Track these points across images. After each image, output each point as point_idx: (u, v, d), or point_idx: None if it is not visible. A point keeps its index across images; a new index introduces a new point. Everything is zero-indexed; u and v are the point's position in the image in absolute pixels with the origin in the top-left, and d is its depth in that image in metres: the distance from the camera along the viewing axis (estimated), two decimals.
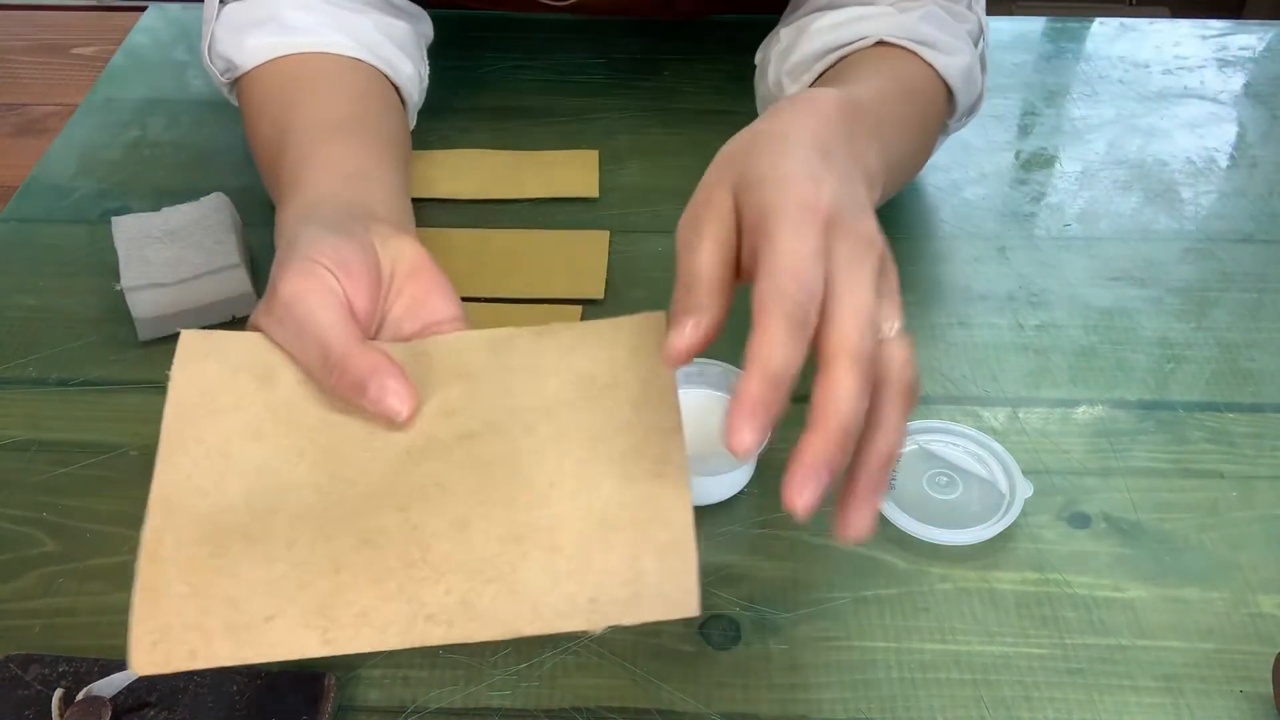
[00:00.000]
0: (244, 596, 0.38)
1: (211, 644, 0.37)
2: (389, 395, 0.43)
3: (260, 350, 0.45)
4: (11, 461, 0.58)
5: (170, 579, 0.38)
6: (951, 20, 0.67)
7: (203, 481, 0.41)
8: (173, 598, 0.38)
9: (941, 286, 0.69)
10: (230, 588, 0.39)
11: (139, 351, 0.64)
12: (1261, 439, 0.60)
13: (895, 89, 0.62)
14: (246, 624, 0.38)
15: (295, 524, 0.40)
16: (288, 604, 0.38)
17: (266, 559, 0.39)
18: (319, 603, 0.38)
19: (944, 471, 0.57)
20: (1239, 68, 0.91)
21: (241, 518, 0.40)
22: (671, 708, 0.48)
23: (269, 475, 0.42)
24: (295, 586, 0.39)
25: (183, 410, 0.43)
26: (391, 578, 0.39)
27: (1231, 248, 0.73)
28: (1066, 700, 0.48)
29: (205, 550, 0.39)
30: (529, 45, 0.90)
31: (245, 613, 0.38)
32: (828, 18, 0.67)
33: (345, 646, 0.38)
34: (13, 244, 0.73)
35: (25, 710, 0.46)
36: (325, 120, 0.62)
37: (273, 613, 0.38)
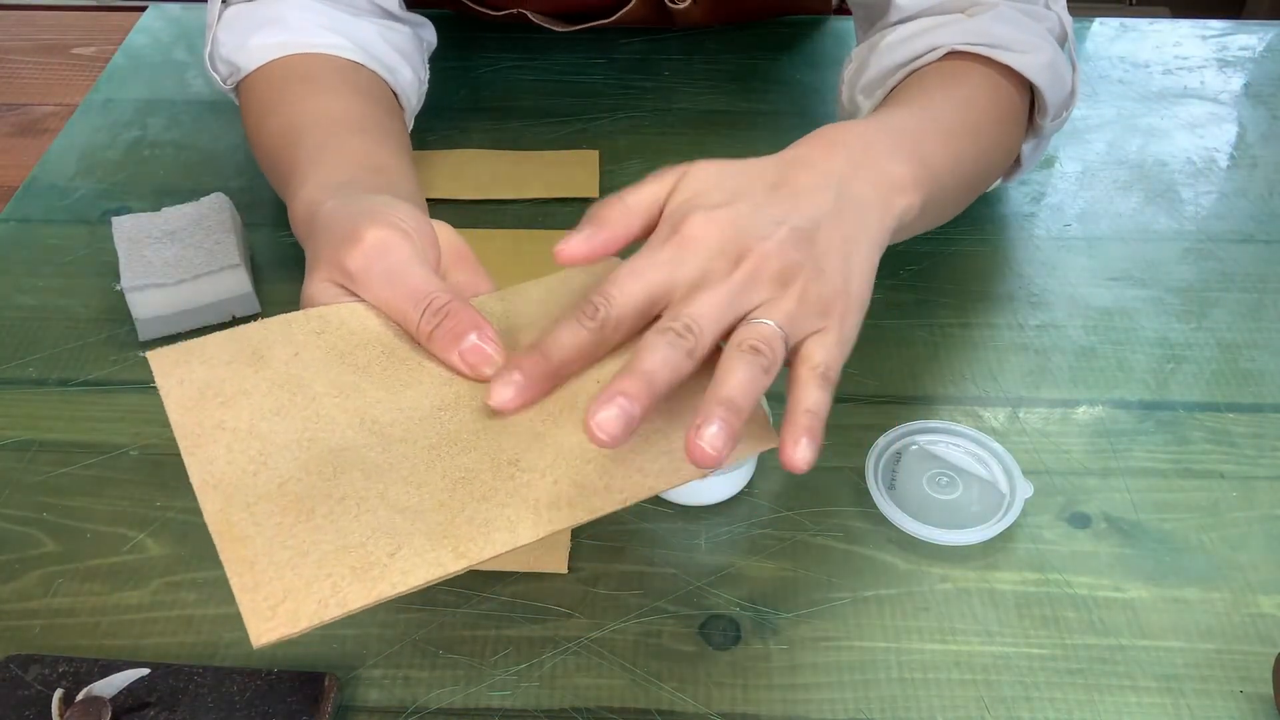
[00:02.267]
0: (357, 544, 0.38)
1: (340, 590, 0.37)
2: (488, 345, 0.44)
3: (236, 341, 0.45)
4: (11, 461, 0.58)
5: (263, 549, 0.38)
6: (1028, 19, 0.65)
7: (246, 463, 0.41)
8: (277, 564, 0.38)
9: (942, 286, 0.69)
10: (338, 539, 0.38)
11: (139, 351, 0.64)
12: (1261, 439, 0.60)
13: (951, 100, 0.61)
14: (370, 564, 0.38)
15: (376, 479, 0.41)
16: (406, 539, 0.39)
17: (364, 511, 0.39)
18: (438, 529, 0.39)
19: (944, 471, 0.57)
20: (1239, 68, 0.91)
21: (313, 484, 0.40)
22: (671, 708, 0.48)
23: (315, 444, 0.42)
24: (408, 523, 0.39)
25: (188, 407, 0.43)
26: (496, 493, 0.40)
27: (1231, 248, 0.73)
28: (1066, 700, 0.48)
29: (291, 518, 0.39)
30: (529, 45, 0.90)
31: (365, 556, 0.38)
32: (898, 32, 0.66)
33: (480, 554, 0.38)
34: (13, 244, 0.73)
35: (25, 710, 0.46)
36: (339, 116, 0.62)
37: (394, 549, 0.38)
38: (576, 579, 0.53)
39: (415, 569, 0.38)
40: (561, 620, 0.51)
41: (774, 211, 0.46)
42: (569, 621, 0.51)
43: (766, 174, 0.48)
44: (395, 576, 0.38)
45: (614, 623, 0.51)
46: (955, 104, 0.61)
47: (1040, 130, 0.69)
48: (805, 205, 0.47)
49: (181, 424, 0.42)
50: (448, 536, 0.39)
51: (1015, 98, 0.64)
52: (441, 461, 0.41)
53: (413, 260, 0.46)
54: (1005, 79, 0.64)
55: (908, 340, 0.65)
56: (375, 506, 0.40)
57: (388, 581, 0.37)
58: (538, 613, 0.52)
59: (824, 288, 0.44)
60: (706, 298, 0.43)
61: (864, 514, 0.56)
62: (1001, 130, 0.64)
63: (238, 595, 0.37)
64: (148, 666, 0.47)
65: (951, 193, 0.59)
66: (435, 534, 0.39)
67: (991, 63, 0.63)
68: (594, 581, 0.53)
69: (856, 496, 0.56)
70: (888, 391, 0.62)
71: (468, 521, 0.39)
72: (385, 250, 0.46)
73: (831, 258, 0.45)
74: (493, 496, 0.40)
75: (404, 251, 0.46)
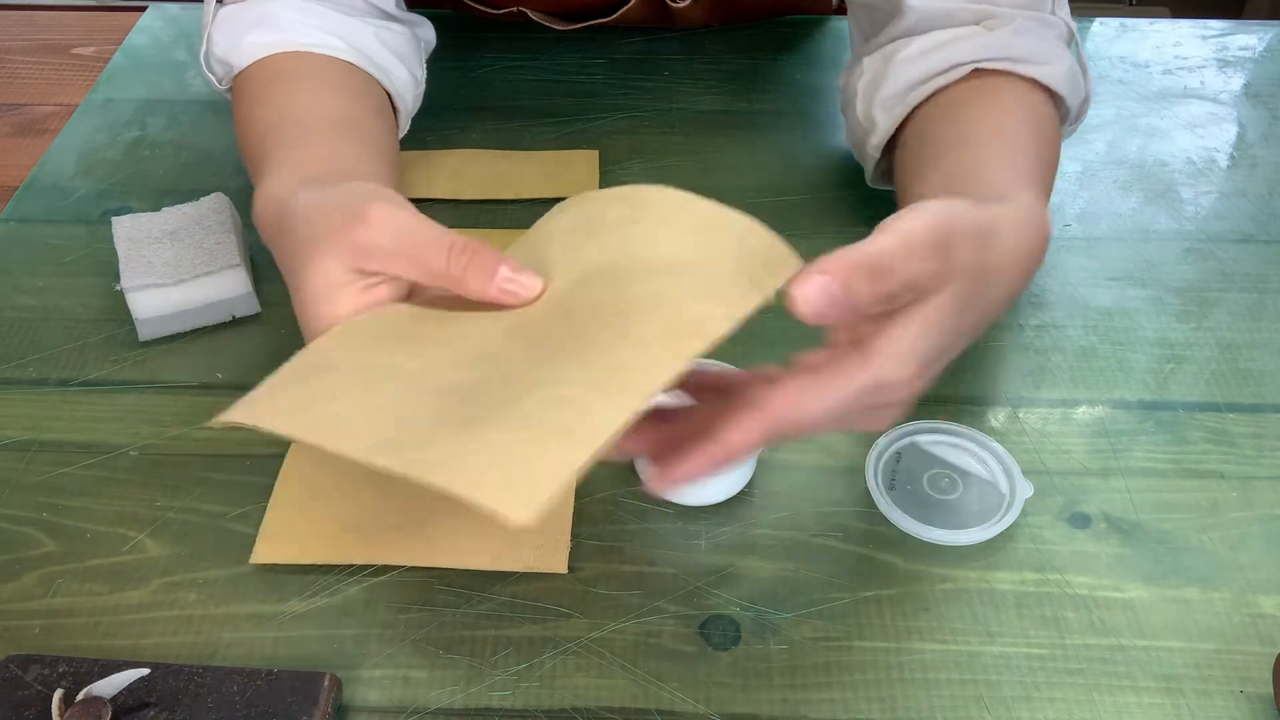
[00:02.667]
0: (538, 422, 0.38)
1: (562, 453, 0.37)
2: (521, 273, 0.46)
3: (296, 368, 0.44)
4: (11, 461, 0.58)
5: (466, 461, 0.37)
6: (1042, 29, 0.65)
7: (385, 424, 0.40)
8: (486, 465, 0.37)
9: None
10: (525, 426, 0.38)
11: (139, 351, 0.64)
12: (1261, 439, 0.60)
13: (1024, 130, 0.60)
14: (566, 429, 0.38)
15: (512, 385, 0.41)
16: (580, 401, 0.39)
17: (524, 401, 0.40)
18: (600, 383, 0.40)
19: (944, 471, 0.57)
20: (1239, 68, 0.91)
21: (463, 409, 0.40)
22: (671, 708, 0.48)
23: (434, 389, 0.42)
24: (571, 391, 0.39)
25: (303, 424, 0.41)
26: (625, 338, 0.41)
27: (1231, 248, 0.73)
28: (1066, 700, 0.48)
29: (470, 433, 0.39)
30: (529, 45, 0.90)
31: (559, 425, 0.38)
32: (914, 45, 0.65)
33: (658, 381, 0.39)
34: (13, 244, 0.73)
35: (25, 710, 0.46)
36: (320, 114, 0.62)
37: (581, 410, 0.38)
38: (576, 579, 0.53)
39: (611, 417, 0.37)
40: (561, 620, 0.51)
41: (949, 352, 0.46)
42: (569, 621, 0.51)
43: (973, 327, 0.47)
44: (597, 429, 0.37)
45: (614, 623, 0.51)
46: (1022, 122, 0.61)
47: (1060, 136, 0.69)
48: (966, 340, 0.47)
49: (306, 433, 0.41)
50: (616, 388, 0.39)
51: (1049, 110, 0.64)
52: (550, 360, 0.41)
53: (425, 220, 0.47)
54: (1035, 93, 0.63)
55: None
56: (526, 397, 0.39)
57: (594, 435, 0.37)
58: (538, 613, 0.52)
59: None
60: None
61: (864, 514, 0.56)
62: (1055, 131, 0.64)
63: (477, 496, 0.35)
64: (148, 666, 0.47)
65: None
66: (604, 387, 0.39)
67: (1017, 77, 0.63)
68: (594, 581, 0.53)
69: (856, 496, 0.56)
70: None
71: (622, 368, 0.39)
72: (395, 219, 0.46)
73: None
74: (623, 341, 0.40)
75: (413, 216, 0.47)
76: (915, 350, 0.43)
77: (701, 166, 0.79)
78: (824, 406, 0.42)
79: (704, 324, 0.40)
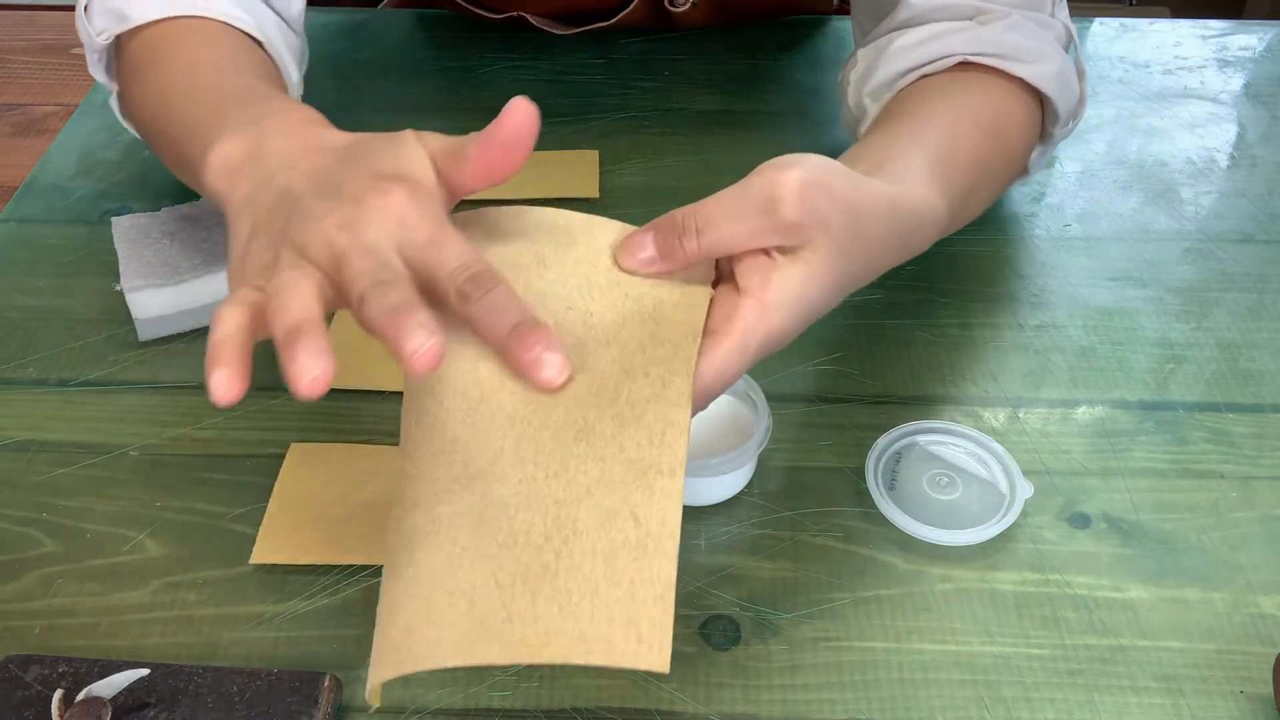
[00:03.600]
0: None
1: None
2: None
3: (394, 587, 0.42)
4: (11, 461, 0.58)
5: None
6: (1037, 28, 0.65)
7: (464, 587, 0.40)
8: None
9: (942, 286, 0.69)
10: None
11: (139, 351, 0.64)
12: (1261, 439, 0.60)
13: (971, 127, 0.60)
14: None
15: (546, 506, 0.41)
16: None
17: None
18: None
19: (944, 472, 0.57)
20: (1239, 68, 0.91)
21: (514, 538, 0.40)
22: (671, 708, 0.48)
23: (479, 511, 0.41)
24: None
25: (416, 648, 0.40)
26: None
27: (1231, 248, 0.73)
28: (1066, 700, 0.48)
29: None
30: (529, 45, 0.90)
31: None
32: (907, 36, 0.65)
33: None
34: (13, 244, 0.73)
35: (25, 711, 0.46)
36: (246, 69, 0.58)
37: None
38: None
39: (663, 515, 0.39)
40: None
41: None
42: None
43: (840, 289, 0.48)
44: (663, 535, 0.39)
45: None
46: (982, 131, 0.61)
47: (1050, 138, 0.69)
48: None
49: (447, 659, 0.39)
50: (648, 473, 0.40)
51: (1030, 108, 0.65)
52: (564, 462, 0.42)
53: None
54: (1018, 89, 0.64)
55: (908, 340, 0.65)
56: (577, 524, 0.40)
57: (663, 545, 0.39)
58: None
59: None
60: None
61: (864, 514, 0.56)
62: (1018, 139, 0.65)
63: (616, 662, 0.37)
64: (148, 666, 0.47)
65: (968, 212, 0.60)
66: (638, 479, 0.40)
67: (1003, 73, 0.63)
68: None
69: (856, 496, 0.56)
70: (888, 391, 0.62)
71: (638, 449, 0.41)
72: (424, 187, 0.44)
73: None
74: (620, 423, 0.41)
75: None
76: (802, 299, 0.45)
77: (701, 166, 0.79)
78: (741, 366, 0.44)
79: (674, 372, 0.42)
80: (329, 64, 0.91)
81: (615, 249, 0.45)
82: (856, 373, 0.63)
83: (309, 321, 0.38)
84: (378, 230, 0.41)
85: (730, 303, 0.44)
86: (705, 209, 0.44)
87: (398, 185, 0.42)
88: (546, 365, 0.41)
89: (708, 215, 0.44)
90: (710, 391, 0.43)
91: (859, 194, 0.46)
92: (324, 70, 0.90)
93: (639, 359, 0.43)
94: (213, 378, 0.37)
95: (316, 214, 0.41)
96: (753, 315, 0.44)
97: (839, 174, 0.46)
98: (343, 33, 0.95)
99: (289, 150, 0.46)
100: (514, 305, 0.41)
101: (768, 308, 0.44)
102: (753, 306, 0.44)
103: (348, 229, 0.41)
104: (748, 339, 0.43)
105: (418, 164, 0.44)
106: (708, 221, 0.44)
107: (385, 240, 0.41)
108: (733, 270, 0.45)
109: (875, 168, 0.52)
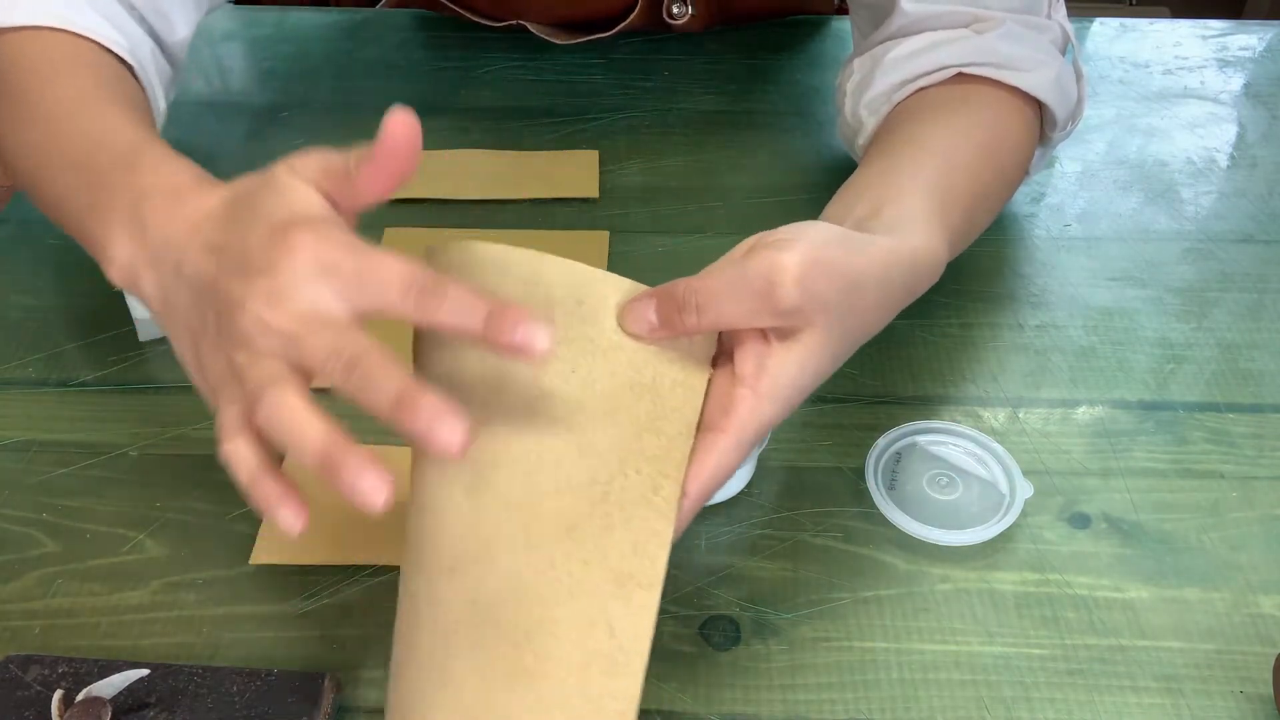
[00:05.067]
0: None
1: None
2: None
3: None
4: (11, 461, 0.58)
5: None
6: (1033, 34, 0.65)
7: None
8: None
9: (942, 286, 0.69)
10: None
11: (139, 351, 0.64)
12: (1261, 439, 0.60)
13: (968, 152, 0.60)
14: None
15: (521, 595, 0.41)
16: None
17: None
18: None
19: (944, 472, 0.57)
20: (1239, 68, 0.91)
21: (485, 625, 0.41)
22: (672, 708, 0.48)
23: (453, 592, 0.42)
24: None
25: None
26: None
27: (1231, 248, 0.73)
28: (1066, 700, 0.48)
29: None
30: (529, 45, 0.90)
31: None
32: (903, 46, 0.65)
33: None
34: (13, 244, 0.73)
35: (25, 711, 0.46)
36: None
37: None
38: None
39: (636, 631, 0.40)
40: None
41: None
42: None
43: (836, 361, 0.47)
44: (631, 653, 0.40)
45: None
46: (979, 152, 0.60)
47: (1049, 141, 0.69)
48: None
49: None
50: (626, 583, 0.41)
51: (1028, 117, 0.64)
52: (540, 552, 0.42)
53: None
54: (1015, 98, 0.64)
55: (908, 340, 0.65)
56: (548, 624, 0.41)
57: (632, 662, 0.40)
58: None
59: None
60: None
61: (864, 514, 0.56)
62: (1017, 155, 0.65)
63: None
64: (148, 667, 0.47)
65: (967, 240, 0.60)
66: (616, 587, 0.41)
67: (1000, 83, 0.63)
68: None
69: (856, 496, 0.56)
70: (888, 391, 0.62)
71: (620, 556, 0.41)
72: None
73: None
74: (606, 528, 0.42)
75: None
76: (796, 387, 0.44)
77: (701, 166, 0.79)
78: (737, 461, 0.44)
79: (665, 475, 0.42)
80: (329, 64, 0.91)
81: (619, 311, 0.44)
82: (856, 373, 0.63)
83: (333, 444, 0.37)
84: (305, 290, 0.38)
85: (726, 393, 0.44)
86: (707, 285, 0.43)
87: (298, 232, 0.39)
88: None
89: (709, 293, 0.43)
90: (707, 490, 0.43)
91: (857, 266, 0.46)
92: (324, 70, 0.90)
93: (634, 447, 0.42)
94: (280, 520, 0.39)
95: (237, 298, 0.39)
96: (746, 409, 0.44)
97: (836, 247, 0.45)
98: (343, 33, 0.95)
99: (176, 236, 0.43)
100: (476, 303, 0.38)
101: (761, 399, 0.44)
102: (746, 399, 0.44)
103: (276, 304, 0.38)
104: (742, 434, 0.43)
105: (305, 199, 0.41)
106: (708, 299, 0.43)
107: (318, 297, 0.38)
108: (730, 348, 0.45)
109: (873, 213, 0.52)
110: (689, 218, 0.73)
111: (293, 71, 0.89)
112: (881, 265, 0.48)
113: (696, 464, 0.43)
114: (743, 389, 0.44)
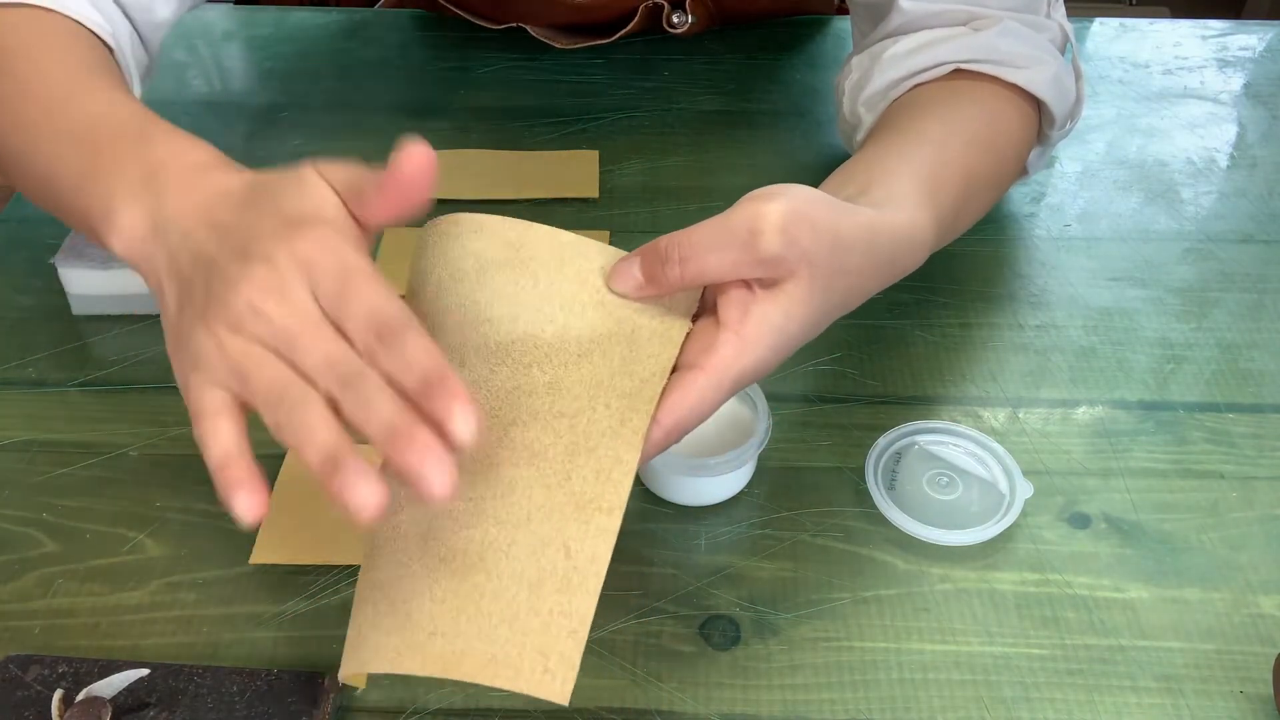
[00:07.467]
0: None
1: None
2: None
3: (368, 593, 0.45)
4: (11, 461, 0.58)
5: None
6: (1031, 31, 0.65)
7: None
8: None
9: (942, 286, 0.69)
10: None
11: (139, 352, 0.64)
12: (1261, 439, 0.60)
13: (962, 141, 0.60)
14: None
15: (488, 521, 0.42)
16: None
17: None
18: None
19: (944, 472, 0.57)
20: (1239, 68, 0.91)
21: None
22: (671, 708, 0.48)
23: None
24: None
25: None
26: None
27: (1231, 248, 0.73)
28: (1066, 700, 0.48)
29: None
30: (529, 46, 0.90)
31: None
32: (901, 44, 0.65)
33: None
34: (13, 244, 0.73)
35: (25, 711, 0.46)
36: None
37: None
38: None
39: (593, 553, 0.41)
40: None
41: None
42: None
43: (823, 319, 0.48)
44: (586, 574, 0.40)
45: (614, 623, 0.51)
46: (974, 144, 0.60)
47: (1047, 140, 0.69)
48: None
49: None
50: (586, 508, 0.41)
51: (1025, 113, 0.64)
52: (509, 479, 0.42)
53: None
54: (1013, 95, 0.64)
55: (908, 340, 0.65)
56: (513, 546, 0.41)
57: (587, 582, 0.40)
58: None
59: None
60: None
61: (864, 514, 0.56)
62: (1012, 149, 0.64)
63: (519, 688, 0.39)
64: (148, 666, 0.47)
65: (959, 226, 0.60)
66: (576, 511, 0.41)
67: (997, 80, 0.63)
68: None
69: (856, 496, 0.56)
70: (888, 391, 0.62)
71: (583, 480, 0.42)
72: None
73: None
74: (571, 452, 0.42)
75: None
76: (781, 333, 0.45)
77: (701, 166, 0.79)
78: (715, 401, 0.44)
79: (634, 409, 0.42)
80: (329, 64, 0.91)
81: (606, 271, 0.45)
82: (856, 373, 0.63)
83: (340, 447, 0.36)
84: (295, 288, 0.38)
85: (709, 336, 0.44)
86: (690, 238, 0.44)
87: (305, 230, 0.39)
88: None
89: (691, 245, 0.44)
90: (684, 425, 0.43)
91: (842, 225, 0.46)
92: (324, 70, 0.90)
93: (605, 386, 0.43)
94: (235, 504, 0.37)
95: (232, 279, 0.39)
96: (730, 350, 0.44)
97: (822, 205, 0.46)
98: (343, 33, 0.95)
99: (192, 211, 0.43)
100: (428, 355, 0.37)
101: (745, 343, 0.44)
102: (730, 341, 0.44)
103: (269, 294, 0.38)
104: (723, 374, 0.44)
105: (324, 201, 0.41)
106: (691, 251, 0.44)
107: (306, 297, 0.38)
108: (715, 301, 0.45)
109: (862, 191, 0.52)
110: (689, 218, 0.72)
111: (293, 71, 0.89)
112: (867, 229, 0.48)
113: (673, 398, 0.43)
114: (726, 332, 0.44)
